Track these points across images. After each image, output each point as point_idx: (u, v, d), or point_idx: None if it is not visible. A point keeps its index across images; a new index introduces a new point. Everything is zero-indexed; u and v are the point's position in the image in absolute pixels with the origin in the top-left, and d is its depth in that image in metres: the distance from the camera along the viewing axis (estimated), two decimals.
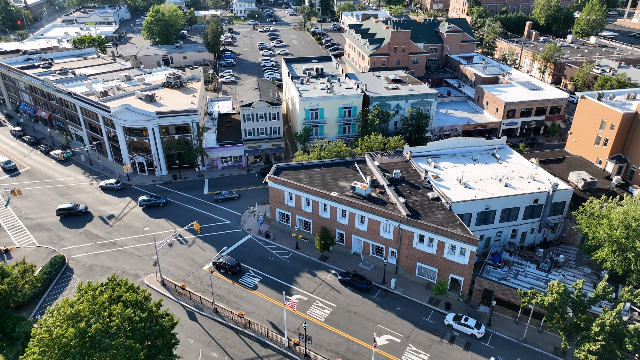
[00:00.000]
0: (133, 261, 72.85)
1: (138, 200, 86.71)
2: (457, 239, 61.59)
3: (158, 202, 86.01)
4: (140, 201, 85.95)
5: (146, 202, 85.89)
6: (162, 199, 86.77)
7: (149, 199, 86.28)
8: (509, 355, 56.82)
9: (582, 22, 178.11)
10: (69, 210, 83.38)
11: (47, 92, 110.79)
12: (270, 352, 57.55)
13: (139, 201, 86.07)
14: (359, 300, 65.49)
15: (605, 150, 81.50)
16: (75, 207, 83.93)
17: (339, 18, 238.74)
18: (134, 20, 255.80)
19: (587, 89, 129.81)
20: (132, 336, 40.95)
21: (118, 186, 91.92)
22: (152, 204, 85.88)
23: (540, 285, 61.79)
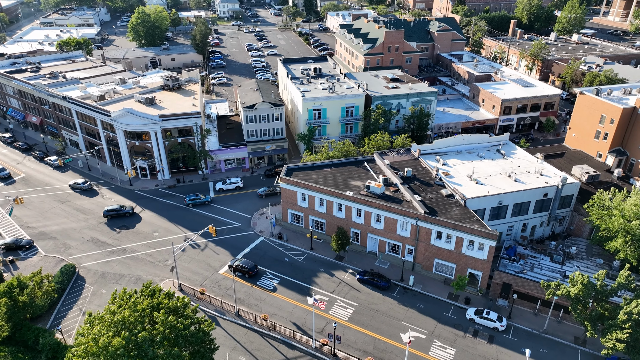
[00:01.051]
0: (146, 267, 71.55)
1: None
2: (476, 235, 62.63)
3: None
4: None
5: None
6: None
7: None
8: (532, 347, 58.00)
9: (564, 20, 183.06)
10: (116, 211, 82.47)
11: (39, 97, 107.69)
12: (298, 354, 57.41)
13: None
14: (380, 298, 65.91)
15: (605, 144, 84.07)
16: (122, 208, 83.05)
17: (324, 18, 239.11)
18: (114, 22, 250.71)
19: (576, 85, 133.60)
20: (177, 343, 40.31)
21: (85, 186, 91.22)
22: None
23: (556, 277, 63.33)
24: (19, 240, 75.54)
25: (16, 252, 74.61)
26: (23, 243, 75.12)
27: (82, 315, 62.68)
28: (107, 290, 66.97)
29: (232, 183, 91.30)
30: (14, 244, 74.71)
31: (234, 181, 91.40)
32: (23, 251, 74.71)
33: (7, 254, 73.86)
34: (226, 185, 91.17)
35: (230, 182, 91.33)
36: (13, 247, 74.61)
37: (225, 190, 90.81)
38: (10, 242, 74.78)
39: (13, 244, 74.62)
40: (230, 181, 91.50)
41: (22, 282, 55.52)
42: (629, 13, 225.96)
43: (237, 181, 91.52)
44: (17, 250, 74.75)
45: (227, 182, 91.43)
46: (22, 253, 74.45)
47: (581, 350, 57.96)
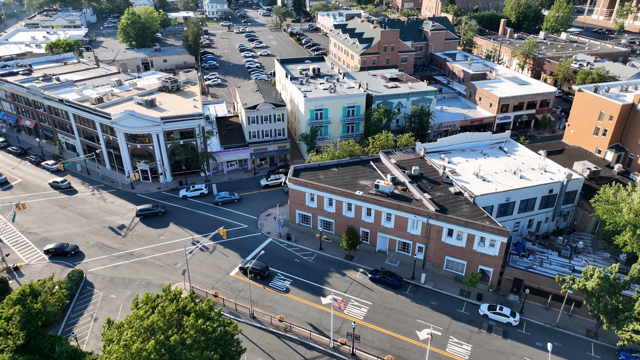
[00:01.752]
0: (155, 271, 70.76)
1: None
2: (487, 231, 63.39)
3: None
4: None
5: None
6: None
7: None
8: (546, 340, 59.00)
9: (552, 19, 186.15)
10: (149, 210, 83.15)
11: (33, 100, 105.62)
12: (316, 354, 57.42)
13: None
14: (393, 296, 66.27)
15: (605, 140, 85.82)
16: (154, 208, 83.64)
17: (314, 18, 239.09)
18: (101, 23, 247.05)
19: (567, 83, 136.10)
20: (206, 346, 39.98)
21: (64, 185, 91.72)
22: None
23: (565, 271, 64.46)
24: (64, 245, 73.86)
25: (63, 257, 73.18)
26: (68, 249, 73.46)
27: (94, 321, 61.80)
28: (117, 295, 66.12)
29: (196, 190, 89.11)
30: (60, 249, 73.18)
31: (198, 187, 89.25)
32: (68, 257, 73.14)
33: (53, 258, 72.49)
34: (190, 192, 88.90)
35: (195, 189, 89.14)
36: (59, 252, 73.10)
37: (189, 197, 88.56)
38: (56, 247, 73.21)
39: (59, 249, 73.09)
40: (194, 188, 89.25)
41: (34, 289, 54.41)
42: (612, 12, 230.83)
43: (202, 187, 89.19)
44: (63, 256, 73.30)
45: (192, 189, 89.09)
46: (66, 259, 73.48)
47: (594, 343, 59.12)
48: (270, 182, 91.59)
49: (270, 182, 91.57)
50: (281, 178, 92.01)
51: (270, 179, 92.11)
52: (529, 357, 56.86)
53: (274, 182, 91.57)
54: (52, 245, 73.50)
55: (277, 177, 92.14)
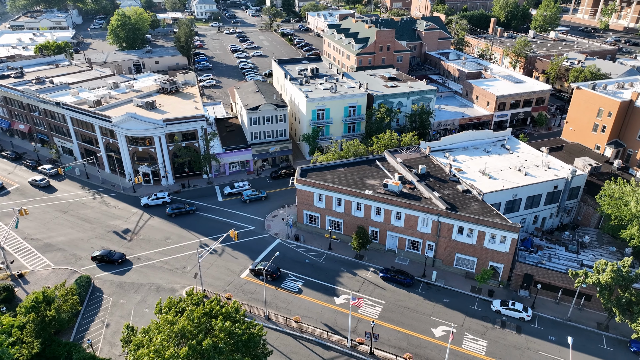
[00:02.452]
0: (164, 275, 69.94)
1: None
2: (498, 228, 64.12)
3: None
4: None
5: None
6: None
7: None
8: (558, 334, 60.00)
9: (540, 18, 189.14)
10: (180, 209, 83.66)
11: (28, 103, 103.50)
12: (334, 354, 57.40)
13: None
14: (405, 295, 66.61)
15: (604, 137, 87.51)
16: (185, 206, 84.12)
17: (305, 18, 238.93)
18: (87, 24, 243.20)
19: (559, 81, 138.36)
20: (236, 349, 39.67)
21: (43, 183, 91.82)
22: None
23: (574, 266, 65.58)
24: (111, 253, 71.91)
25: (110, 265, 71.33)
26: (115, 257, 71.40)
27: (106, 327, 60.84)
28: (127, 300, 65.19)
29: (158, 198, 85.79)
30: (107, 256, 71.24)
31: (161, 196, 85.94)
32: (116, 265, 71.23)
33: (100, 266, 70.72)
34: (152, 200, 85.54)
35: (157, 197, 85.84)
36: (106, 259, 71.20)
37: (151, 205, 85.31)
38: (103, 255, 71.36)
39: (106, 257, 71.20)
40: (157, 196, 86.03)
41: (47, 296, 53.30)
42: (596, 11, 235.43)
43: (164, 196, 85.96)
44: (110, 264, 71.39)
45: (154, 197, 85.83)
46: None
47: (605, 335, 60.26)
48: (233, 191, 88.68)
49: (234, 191, 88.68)
50: (242, 187, 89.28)
51: (234, 189, 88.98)
52: (544, 352, 57.70)
53: (237, 190, 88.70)
54: (98, 253, 71.46)
55: (241, 186, 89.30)
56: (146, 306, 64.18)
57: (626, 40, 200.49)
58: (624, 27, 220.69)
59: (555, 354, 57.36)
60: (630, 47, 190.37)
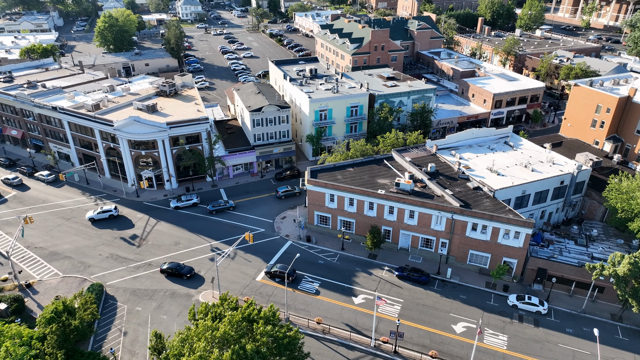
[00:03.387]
0: (177, 281, 68.85)
1: None
2: (512, 224, 65.15)
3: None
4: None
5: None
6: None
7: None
8: (575, 326, 61.33)
9: (525, 17, 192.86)
10: (221, 206, 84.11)
11: (21, 108, 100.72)
12: (359, 354, 57.45)
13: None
14: (422, 292, 67.11)
15: (602, 132, 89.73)
16: (225, 203, 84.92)
17: (292, 19, 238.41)
18: (69, 27, 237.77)
19: (549, 78, 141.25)
20: (279, 352, 39.35)
21: (16, 182, 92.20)
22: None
23: (585, 259, 67.05)
24: (180, 266, 69.00)
25: (179, 278, 68.33)
26: (184, 271, 68.39)
27: (124, 335, 59.64)
28: (142, 307, 64.02)
29: (105, 212, 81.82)
30: (175, 269, 68.46)
31: (107, 209, 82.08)
32: (185, 279, 68.27)
33: (170, 278, 68.17)
34: (98, 214, 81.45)
35: (104, 211, 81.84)
36: (174, 272, 68.35)
37: (97, 220, 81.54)
38: (171, 267, 68.58)
39: (175, 270, 68.42)
40: (104, 209, 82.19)
41: (68, 305, 51.96)
42: (577, 9, 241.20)
43: (111, 209, 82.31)
44: (179, 277, 68.28)
45: (101, 211, 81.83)
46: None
47: (619, 326, 61.78)
48: (180, 205, 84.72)
49: (181, 205, 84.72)
50: (190, 200, 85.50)
51: (182, 201, 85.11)
52: (562, 344, 58.85)
53: (185, 203, 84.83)
54: (167, 265, 68.51)
55: (189, 199, 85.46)
56: (163, 312, 63.17)
57: (607, 37, 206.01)
58: (604, 25, 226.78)
59: (574, 346, 58.58)
60: (612, 44, 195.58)
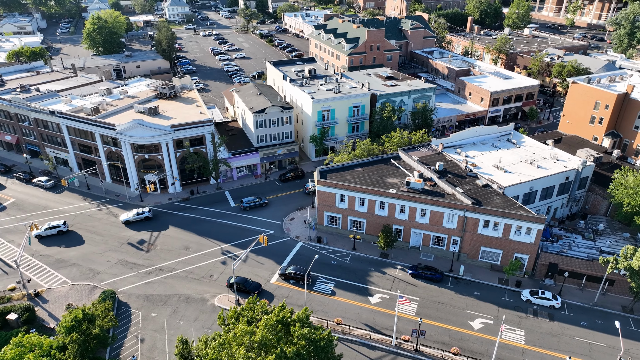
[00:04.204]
0: (191, 285, 68.10)
1: None
2: (524, 220, 66.06)
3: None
4: None
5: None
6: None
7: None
8: (588, 319, 62.52)
9: (513, 16, 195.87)
10: (254, 202, 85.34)
11: (16, 112, 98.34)
12: (380, 354, 57.59)
13: None
14: (437, 290, 67.61)
15: (601, 128, 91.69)
16: (258, 200, 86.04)
17: (281, 19, 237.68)
18: (52, 29, 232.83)
19: (541, 76, 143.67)
20: (316, 355, 39.18)
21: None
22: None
23: (594, 253, 68.40)
24: (248, 282, 66.45)
25: (245, 294, 65.51)
26: (252, 287, 65.73)
27: (141, 342, 58.68)
28: (157, 313, 63.10)
29: (52, 228, 77.27)
30: (243, 285, 65.74)
31: (55, 225, 77.64)
32: (252, 295, 63.78)
33: (240, 294, 65.48)
34: (44, 232, 76.60)
35: (51, 227, 77.23)
36: (241, 288, 65.66)
37: (43, 237, 76.93)
38: (239, 283, 65.76)
39: (241, 285, 65.75)
40: (49, 225, 77.51)
41: (88, 313, 50.87)
42: (560, 8, 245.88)
43: (60, 225, 77.69)
44: (245, 293, 65.62)
45: (46, 228, 76.97)
46: None
47: (631, 317, 63.19)
48: (132, 219, 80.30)
49: (132, 219, 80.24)
50: (141, 214, 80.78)
51: (133, 216, 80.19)
52: (578, 337, 59.92)
53: (136, 218, 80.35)
54: (234, 280, 64.12)
55: (140, 213, 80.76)
56: (179, 318, 62.35)
57: (592, 35, 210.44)
58: (587, 24, 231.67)
59: (590, 339, 59.71)
60: (596, 42, 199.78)
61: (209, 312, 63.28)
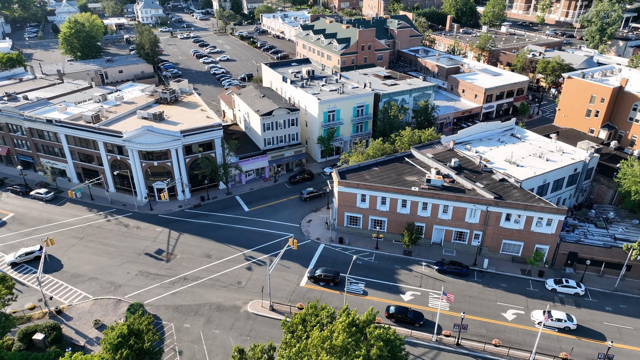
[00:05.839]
0: (220, 293, 66.72)
1: None
2: (546, 212, 68.20)
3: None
4: None
5: None
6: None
7: None
8: (612, 304, 65.18)
9: (489, 14, 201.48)
10: (314, 193, 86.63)
11: (7, 122, 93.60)
12: (423, 350, 58.14)
13: None
14: (464, 284, 68.85)
15: (597, 121, 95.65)
16: (321, 189, 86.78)
17: (259, 20, 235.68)
18: (18, 33, 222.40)
19: (524, 72, 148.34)
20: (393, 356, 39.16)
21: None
22: None
23: (608, 240, 71.40)
24: (409, 311, 61.43)
25: (407, 325, 61.14)
26: (414, 316, 61.25)
27: (179, 354, 57.07)
28: (191, 324, 61.50)
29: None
30: (402, 314, 61.40)
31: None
32: (415, 327, 61.03)
33: (400, 324, 60.67)
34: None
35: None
36: (403, 318, 61.37)
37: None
38: (399, 313, 61.35)
39: (402, 315, 61.38)
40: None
41: (134, 329, 48.98)
42: (529, 6, 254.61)
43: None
44: (408, 324, 61.17)
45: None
46: None
47: None
48: (19, 261, 70.99)
49: (20, 261, 71.01)
50: None
51: (20, 257, 70.19)
52: (607, 322, 62.35)
53: (24, 259, 71.21)
54: (393, 309, 61.07)
55: (29, 252, 71.92)
56: (214, 327, 60.99)
57: (562, 32, 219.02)
58: (555, 21, 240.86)
59: (617, 323, 62.25)
60: (567, 39, 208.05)
61: (243, 319, 62.19)
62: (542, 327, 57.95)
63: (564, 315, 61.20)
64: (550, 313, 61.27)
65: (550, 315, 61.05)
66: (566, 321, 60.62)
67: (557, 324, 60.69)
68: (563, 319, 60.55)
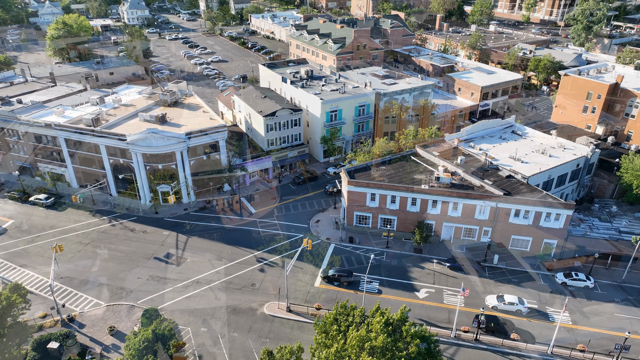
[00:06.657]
0: (234, 295, 66.19)
1: None
2: (555, 207, 69.38)
3: None
4: None
5: None
6: None
7: None
8: (622, 296, 66.65)
9: (477, 13, 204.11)
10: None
11: (2, 127, 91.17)
12: (442, 347, 58.12)
13: None
14: (477, 280, 69.59)
15: (594, 117, 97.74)
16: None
17: (248, 21, 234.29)
18: None
19: (516, 70, 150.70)
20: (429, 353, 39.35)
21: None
22: None
23: (613, 233, 73.05)
24: (499, 320, 60.70)
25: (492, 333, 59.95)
26: (503, 327, 60.39)
27: (199, 359, 56.42)
28: (208, 327, 60.86)
29: None
30: (496, 324, 60.39)
31: None
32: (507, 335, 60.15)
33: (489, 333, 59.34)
34: None
35: None
36: (494, 327, 60.21)
37: None
38: (491, 321, 60.33)
39: (494, 325, 60.41)
40: None
41: (159, 333, 48.24)
42: (514, 5, 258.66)
43: None
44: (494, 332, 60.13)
45: None
46: None
47: None
48: None
49: None
50: None
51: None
52: (618, 314, 63.73)
53: None
54: (482, 317, 58.80)
55: None
56: (232, 330, 60.48)
57: (547, 30, 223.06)
58: (540, 20, 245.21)
59: (628, 314, 63.68)
60: (552, 37, 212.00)
61: (261, 321, 61.81)
62: (496, 311, 60.40)
63: (515, 298, 63.77)
64: (502, 297, 64.05)
65: (503, 299, 63.71)
66: (517, 304, 63.06)
67: (509, 307, 63.09)
68: (515, 302, 63.08)
